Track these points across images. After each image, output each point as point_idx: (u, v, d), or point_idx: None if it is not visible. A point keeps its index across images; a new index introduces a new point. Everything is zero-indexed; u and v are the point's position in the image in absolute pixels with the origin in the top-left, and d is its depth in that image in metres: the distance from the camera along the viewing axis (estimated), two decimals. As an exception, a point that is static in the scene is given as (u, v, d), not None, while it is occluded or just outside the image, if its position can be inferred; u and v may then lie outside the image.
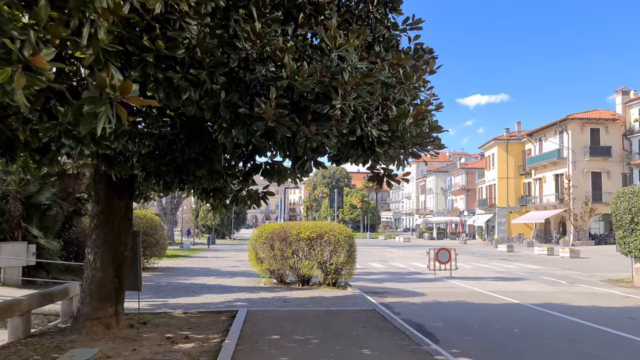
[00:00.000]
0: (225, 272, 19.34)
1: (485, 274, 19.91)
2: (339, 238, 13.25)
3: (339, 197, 15.17)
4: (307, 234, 13.56)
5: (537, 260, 27.71)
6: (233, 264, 23.62)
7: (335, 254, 13.32)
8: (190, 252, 31.96)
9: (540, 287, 15.62)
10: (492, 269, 22.29)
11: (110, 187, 8.04)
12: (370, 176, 7.82)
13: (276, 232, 14.32)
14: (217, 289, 13.63)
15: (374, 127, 5.78)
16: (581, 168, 44.58)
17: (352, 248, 13.47)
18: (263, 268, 14.66)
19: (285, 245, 13.95)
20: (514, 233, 53.92)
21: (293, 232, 13.88)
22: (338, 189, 18.08)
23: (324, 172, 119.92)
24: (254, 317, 9.22)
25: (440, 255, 18.43)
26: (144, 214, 20.12)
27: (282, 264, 14.11)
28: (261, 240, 14.73)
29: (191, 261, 25.09)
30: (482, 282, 16.88)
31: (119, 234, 8.18)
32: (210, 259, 27.31)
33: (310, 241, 13.61)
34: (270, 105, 4.81)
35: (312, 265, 13.53)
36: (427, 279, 17.80)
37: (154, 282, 15.24)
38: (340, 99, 5.07)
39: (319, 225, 13.79)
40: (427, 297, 13.00)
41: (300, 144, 5.38)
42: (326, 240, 13.36)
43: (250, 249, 15.42)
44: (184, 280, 15.90)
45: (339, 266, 13.37)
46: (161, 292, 13.00)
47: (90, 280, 7.92)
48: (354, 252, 13.57)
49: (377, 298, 12.67)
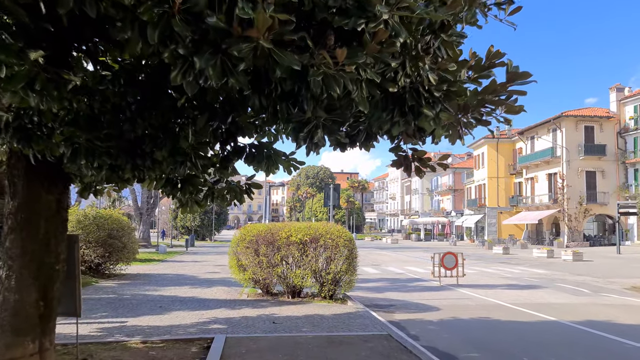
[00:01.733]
0: (202, 279, 17.01)
1: (493, 280, 17.93)
2: (337, 242, 11.06)
3: (334, 193, 13.10)
4: (299, 237, 11.35)
5: (539, 264, 25.91)
6: (212, 269, 21.27)
7: (332, 261, 11.13)
8: (165, 256, 29.46)
9: (563, 297, 13.66)
10: (497, 274, 20.35)
11: (31, 173, 5.71)
12: (394, 160, 5.63)
13: (262, 235, 12.09)
14: (190, 304, 11.33)
15: (431, 70, 3.61)
16: (575, 167, 43.18)
17: (352, 254, 11.29)
18: (246, 277, 12.42)
19: (273, 251, 11.72)
20: (505, 234, 52.44)
21: (282, 234, 11.67)
22: (334, 184, 15.73)
23: (308, 172, 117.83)
24: (235, 348, 6.97)
25: (446, 261, 16.38)
26: (110, 213, 17.68)
27: (269, 273, 11.88)
28: (244, 244, 12.49)
29: (165, 266, 22.65)
30: (495, 291, 14.87)
31: (46, 240, 5.84)
32: (188, 263, 24.89)
33: (303, 246, 11.41)
34: (264, 9, 2.61)
35: (305, 274, 11.33)
36: (432, 287, 15.74)
37: (116, 293, 12.86)
38: (385, 7, 2.87)
39: (314, 227, 11.59)
40: (443, 313, 10.89)
41: (314, 92, 3.16)
42: (322, 244, 11.16)
43: (231, 253, 13.17)
44: (152, 291, 13.54)
45: (337, 276, 11.17)
46: (121, 308, 10.65)
47: (2, 305, 5.60)
48: (355, 259, 11.39)
49: (384, 314, 10.52)
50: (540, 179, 47.67)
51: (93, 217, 16.51)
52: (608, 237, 43.98)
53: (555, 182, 44.65)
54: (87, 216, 16.42)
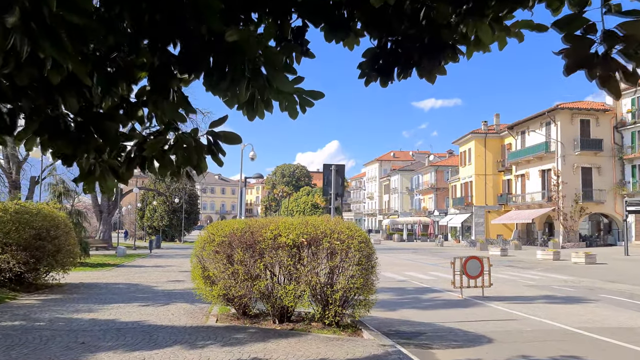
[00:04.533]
0: (159, 292, 13.30)
1: (519, 289, 14.72)
2: (348, 244, 7.54)
3: (337, 177, 9.70)
4: (292, 237, 7.82)
5: (551, 267, 22.92)
6: (175, 276, 17.52)
7: (341, 273, 7.62)
8: (123, 260, 25.44)
9: (631, 315, 10.50)
10: (516, 280, 17.18)
11: None
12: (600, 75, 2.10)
13: (237, 235, 8.54)
14: (131, 336, 7.65)
15: None
16: (571, 163, 40.70)
17: (370, 262, 7.78)
18: (215, 293, 8.83)
19: (253, 257, 8.19)
20: (492, 234, 49.83)
21: (266, 234, 8.12)
22: (336, 165, 11.73)
23: (283, 170, 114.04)
24: None
25: (470, 267, 13.06)
26: (40, 207, 13.77)
27: (248, 288, 8.33)
28: (212, 247, 8.92)
29: (118, 273, 18.76)
30: (536, 306, 11.64)
31: None
32: (147, 269, 21.01)
33: (298, 250, 7.89)
34: None
35: (301, 290, 7.79)
36: (453, 301, 12.42)
37: (27, 319, 9.05)
38: None
39: (313, 223, 8.05)
40: (503, 348, 7.50)
41: None
42: (326, 247, 7.64)
43: (194, 260, 9.59)
44: (84, 313, 9.79)
45: (348, 293, 7.64)
46: (18, 347, 6.91)
47: None
48: (374, 269, 7.87)
49: (418, 351, 7.08)
50: (532, 176, 45.12)
51: (15, 212, 12.62)
52: (603, 237, 41.69)
53: (549, 179, 42.13)
54: (5, 211, 12.52)
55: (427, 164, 76.49)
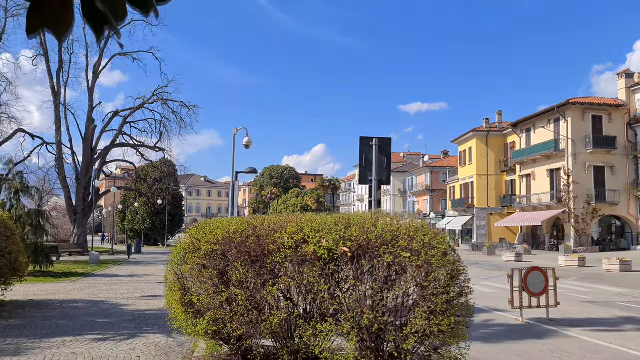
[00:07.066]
0: (127, 314, 10.16)
1: (587, 309, 11.82)
2: (427, 257, 4.47)
3: (381, 158, 7.27)
4: (328, 244, 4.77)
5: (584, 276, 20.11)
6: (151, 289, 14.36)
7: (417, 305, 4.57)
8: (94, 268, 22.08)
9: None
10: (568, 295, 14.27)
11: None
12: None
13: (236, 240, 5.53)
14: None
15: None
16: (582, 161, 38.15)
17: (458, 286, 4.73)
18: (201, 328, 5.76)
19: (262, 275, 5.20)
20: (495, 237, 47.17)
21: (283, 239, 5.10)
22: (381, 140, 8.38)
23: (272, 172, 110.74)
24: None
25: (531, 281, 10.11)
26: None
27: (253, 324, 5.30)
28: (197, 259, 5.93)
29: (83, 285, 15.50)
30: (632, 335, 8.74)
31: None
32: (121, 278, 17.77)
33: (337, 265, 4.85)
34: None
35: (343, 331, 4.73)
36: (515, 326, 9.49)
37: None
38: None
39: (360, 222, 4.99)
40: None
41: None
42: (388, 262, 4.59)
43: (171, 277, 6.48)
44: (4, 357, 6.63)
45: (426, 339, 4.57)
46: None
47: None
48: (466, 298, 4.81)
49: None
50: (538, 176, 42.53)
51: None
52: (616, 240, 39.18)
53: (559, 179, 39.54)
54: None
55: (422, 165, 73.84)
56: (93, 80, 35.66)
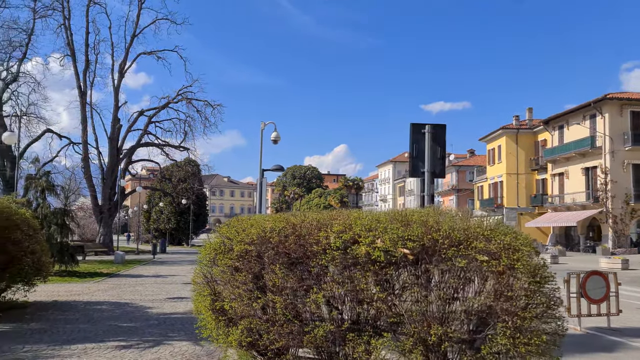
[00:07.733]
0: (152, 318, 9.59)
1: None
2: (510, 262, 3.71)
3: (434, 147, 6.64)
4: (384, 244, 4.04)
5: (632, 280, 18.89)
6: (178, 291, 13.83)
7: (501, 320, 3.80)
8: (120, 268, 21.77)
9: None
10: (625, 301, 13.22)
11: None
12: None
13: (273, 240, 4.85)
14: None
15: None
16: (620, 159, 36.48)
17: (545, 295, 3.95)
18: (234, 338, 5.10)
19: (304, 280, 4.47)
20: (526, 238, 45.57)
21: (328, 238, 4.38)
22: (434, 127, 7.86)
23: (294, 172, 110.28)
24: None
25: (590, 286, 9.20)
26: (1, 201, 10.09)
27: (293, 335, 4.60)
28: (229, 260, 5.27)
29: (108, 286, 15.08)
30: None
31: None
32: (145, 279, 17.34)
33: (396, 269, 4.11)
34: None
35: (407, 345, 3.99)
36: (575, 336, 8.55)
37: None
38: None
39: (421, 219, 4.24)
40: None
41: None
42: (461, 267, 3.84)
43: (200, 280, 5.84)
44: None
45: (515, 356, 3.81)
46: None
47: None
48: (556, 311, 4.03)
49: None
50: (572, 175, 40.93)
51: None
52: (657, 242, 37.37)
53: (595, 178, 37.96)
54: None
55: (448, 164, 72.38)
56: (119, 80, 35.60)
